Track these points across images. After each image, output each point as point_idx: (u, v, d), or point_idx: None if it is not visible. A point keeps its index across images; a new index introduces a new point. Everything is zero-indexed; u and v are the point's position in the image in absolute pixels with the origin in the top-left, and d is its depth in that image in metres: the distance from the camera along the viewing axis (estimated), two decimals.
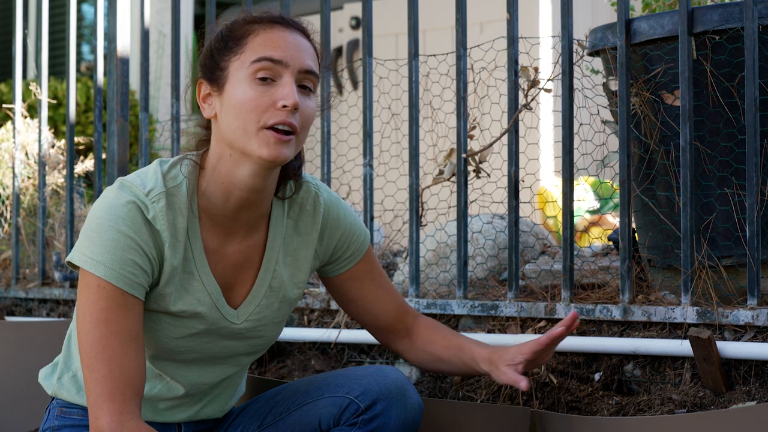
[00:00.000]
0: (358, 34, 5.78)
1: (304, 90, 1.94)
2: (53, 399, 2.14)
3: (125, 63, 3.41)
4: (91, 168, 3.70)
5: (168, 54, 6.37)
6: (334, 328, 2.85)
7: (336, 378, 2.12)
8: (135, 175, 1.97)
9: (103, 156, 3.49)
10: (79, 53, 7.57)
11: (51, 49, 4.70)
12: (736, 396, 2.25)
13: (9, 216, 3.90)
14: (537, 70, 2.66)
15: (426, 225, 2.89)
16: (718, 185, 2.39)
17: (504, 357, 2.12)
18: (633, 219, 2.56)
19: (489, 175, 2.78)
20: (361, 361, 2.84)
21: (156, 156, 5.66)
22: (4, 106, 4.00)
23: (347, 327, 2.82)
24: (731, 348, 2.26)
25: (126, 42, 3.42)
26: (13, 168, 3.73)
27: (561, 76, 2.57)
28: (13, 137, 3.76)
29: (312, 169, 3.35)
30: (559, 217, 2.62)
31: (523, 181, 2.69)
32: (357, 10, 5.72)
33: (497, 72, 2.87)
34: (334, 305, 2.89)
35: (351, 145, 3.37)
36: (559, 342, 2.11)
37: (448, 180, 2.80)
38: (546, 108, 4.32)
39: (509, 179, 2.62)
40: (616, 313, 2.45)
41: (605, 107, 2.65)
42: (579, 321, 2.20)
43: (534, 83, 2.65)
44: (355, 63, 5.44)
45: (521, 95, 2.65)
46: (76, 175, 3.68)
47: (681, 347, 2.33)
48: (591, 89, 2.67)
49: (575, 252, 2.71)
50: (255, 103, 1.89)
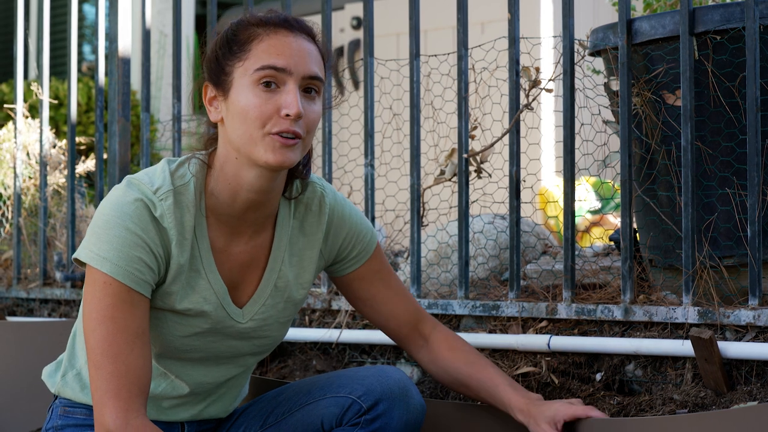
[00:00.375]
0: (359, 34, 5.78)
1: (308, 94, 1.94)
2: (56, 398, 2.14)
3: (126, 63, 3.41)
4: (93, 168, 3.70)
5: (169, 54, 6.37)
6: (335, 328, 2.85)
7: (338, 378, 2.11)
8: (143, 173, 1.97)
9: (105, 156, 3.49)
10: (81, 53, 7.58)
11: (52, 49, 4.71)
12: (737, 396, 2.24)
13: (10, 216, 3.90)
14: (538, 70, 2.66)
15: (427, 225, 2.89)
16: (719, 185, 2.39)
17: (545, 413, 2.12)
18: (634, 219, 2.55)
19: (490, 175, 2.78)
20: (363, 362, 2.84)
21: (157, 156, 5.66)
22: (5, 106, 4.00)
23: (348, 327, 2.82)
24: (733, 348, 2.26)
25: (127, 42, 3.42)
26: (15, 168, 3.73)
27: (562, 76, 2.57)
28: (15, 137, 3.76)
29: (313, 169, 3.33)
30: (561, 217, 2.62)
31: (525, 181, 2.69)
32: (358, 10, 5.72)
33: (498, 72, 2.87)
34: (335, 305, 2.89)
35: (352, 145, 3.36)
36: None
37: (449, 180, 2.80)
38: (547, 108, 4.32)
39: (510, 179, 2.62)
40: (617, 313, 2.45)
41: (606, 107, 2.64)
42: None
43: (535, 83, 2.65)
44: (357, 63, 5.43)
45: (522, 95, 2.65)
46: (77, 175, 3.68)
47: (682, 347, 2.33)
48: (592, 89, 2.66)
49: (576, 252, 2.71)
50: (259, 111, 1.89)
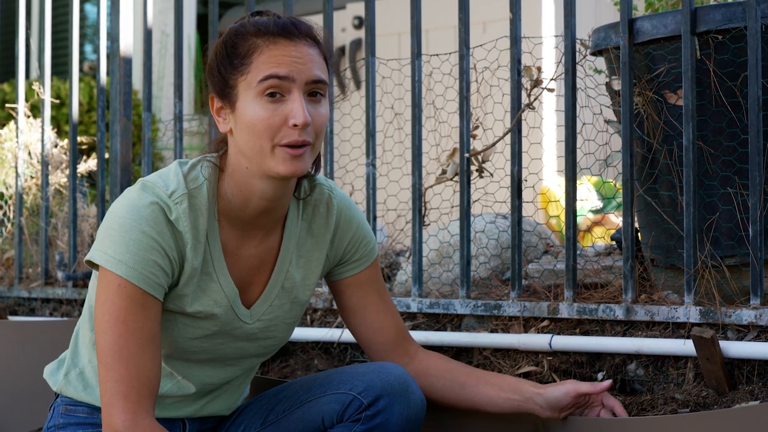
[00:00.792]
0: (360, 33, 5.77)
1: (313, 97, 1.93)
2: (58, 396, 2.14)
3: (128, 63, 3.41)
4: (94, 168, 3.70)
5: (171, 54, 6.37)
6: (337, 327, 2.85)
7: (339, 375, 2.12)
8: (156, 176, 1.96)
9: (106, 156, 3.49)
10: (82, 53, 7.57)
11: (54, 49, 4.70)
12: (739, 395, 2.24)
13: (12, 215, 3.90)
14: (540, 69, 2.66)
15: (429, 224, 2.88)
16: (721, 185, 2.39)
17: (558, 387, 2.18)
18: (636, 218, 2.55)
19: (492, 175, 2.78)
20: (364, 361, 2.83)
21: (159, 156, 5.66)
22: (7, 105, 4.01)
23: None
24: (734, 347, 2.26)
25: (129, 42, 3.42)
26: (16, 168, 3.73)
27: (564, 75, 2.57)
28: (16, 137, 3.77)
29: None
30: (562, 217, 2.62)
31: (526, 181, 2.69)
32: (360, 9, 5.72)
33: (500, 71, 2.87)
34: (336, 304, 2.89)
35: (354, 145, 3.36)
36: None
37: (451, 179, 2.79)
38: (549, 107, 4.32)
39: (512, 179, 2.62)
40: (619, 313, 2.45)
41: (608, 107, 2.64)
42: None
43: (537, 83, 2.65)
44: (358, 63, 5.44)
45: (524, 95, 2.65)
46: (79, 175, 3.68)
47: (684, 347, 2.33)
48: (594, 89, 2.66)
49: (578, 251, 2.71)
50: (267, 124, 1.89)
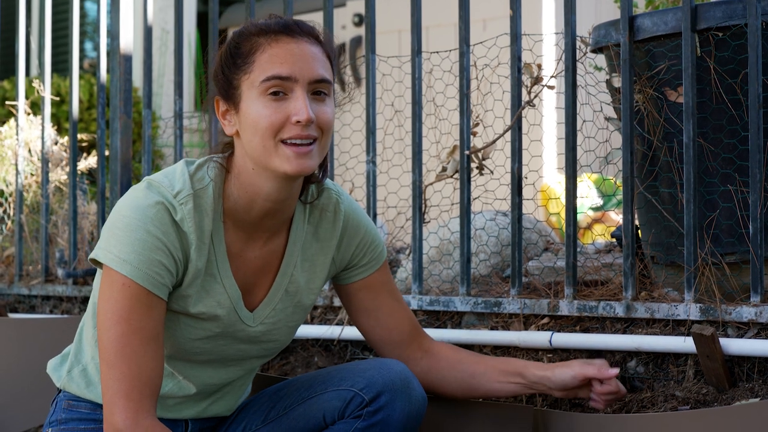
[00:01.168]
0: (361, 31, 5.77)
1: (318, 96, 1.93)
2: (60, 391, 2.13)
3: (128, 60, 3.41)
4: (94, 165, 3.70)
5: (171, 51, 6.37)
6: (337, 324, 2.85)
7: (340, 372, 2.11)
8: (162, 176, 1.96)
9: (106, 153, 3.49)
10: (82, 50, 7.57)
11: (54, 47, 4.70)
12: (739, 393, 2.24)
13: (12, 213, 3.90)
14: (540, 67, 2.66)
15: (429, 222, 2.88)
16: (721, 182, 2.39)
17: (566, 372, 2.18)
18: (636, 216, 2.55)
19: (492, 172, 2.78)
20: (364, 358, 2.83)
21: (159, 153, 5.66)
22: (7, 103, 4.01)
23: (350, 324, 2.82)
24: (734, 345, 2.26)
25: (129, 39, 3.42)
26: (17, 165, 3.73)
27: (564, 73, 2.57)
28: (17, 134, 3.77)
29: None
30: (562, 214, 2.62)
31: (526, 178, 2.68)
32: (360, 7, 5.71)
33: (500, 69, 2.87)
34: (337, 302, 2.89)
35: (354, 142, 3.36)
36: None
37: (451, 177, 2.79)
38: (549, 105, 4.31)
39: (512, 176, 2.62)
40: (619, 310, 2.45)
41: (608, 104, 2.64)
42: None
43: (537, 80, 2.65)
44: (358, 60, 5.43)
45: (524, 92, 2.65)
46: (79, 172, 3.68)
47: (684, 344, 2.33)
48: (594, 86, 2.66)
49: (578, 249, 2.71)
50: (269, 121, 1.89)
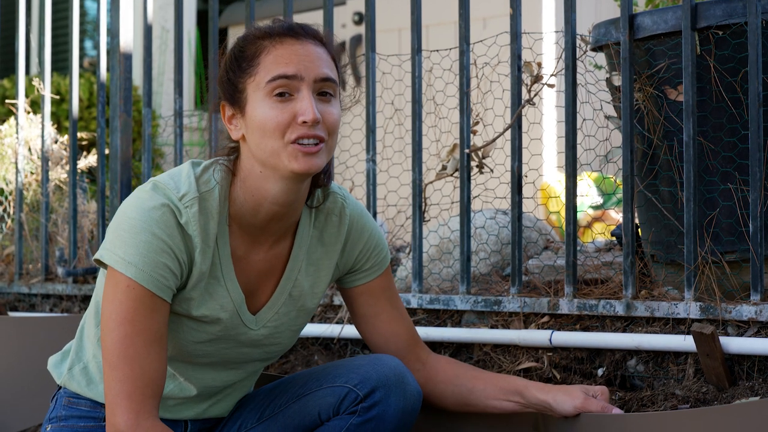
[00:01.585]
0: (361, 29, 5.77)
1: (323, 97, 1.92)
2: (60, 388, 2.13)
3: (128, 59, 3.41)
4: (94, 163, 3.71)
5: (171, 50, 6.37)
6: (337, 323, 2.85)
7: (334, 368, 2.11)
8: (168, 177, 1.95)
9: (106, 152, 3.49)
10: (82, 49, 7.57)
11: (54, 45, 4.70)
12: (739, 391, 2.24)
13: (12, 211, 3.90)
14: (540, 65, 2.66)
15: (429, 220, 2.89)
16: (721, 181, 2.39)
17: (567, 402, 2.11)
18: (636, 214, 2.55)
19: (492, 171, 2.78)
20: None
21: (159, 152, 5.66)
22: (7, 101, 4.01)
23: (350, 322, 2.82)
24: (734, 343, 2.26)
25: (129, 38, 3.42)
26: (17, 163, 3.73)
27: (564, 71, 2.57)
28: (17, 133, 3.77)
29: None
30: (562, 213, 2.62)
31: (526, 177, 2.69)
32: (360, 5, 5.71)
33: (500, 67, 2.87)
34: (336, 301, 2.89)
35: (354, 141, 3.36)
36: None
37: (451, 175, 2.79)
38: (549, 103, 4.32)
39: (512, 175, 2.62)
40: (619, 309, 2.45)
41: (608, 103, 2.64)
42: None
43: (537, 79, 2.65)
44: (358, 58, 5.43)
45: (524, 91, 2.65)
46: (79, 171, 3.68)
47: (684, 343, 2.33)
48: (594, 84, 2.66)
49: (578, 247, 2.71)
50: (276, 122, 1.89)
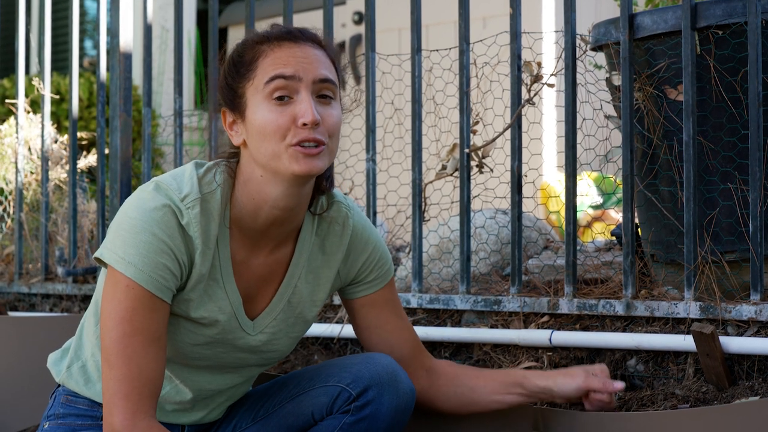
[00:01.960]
0: (361, 29, 5.77)
1: (323, 99, 1.92)
2: (59, 385, 2.13)
3: (128, 58, 3.41)
4: (94, 163, 3.70)
5: (171, 49, 6.37)
6: (336, 323, 2.85)
7: (327, 368, 2.11)
8: (170, 178, 1.95)
9: (106, 151, 3.49)
10: (82, 49, 7.57)
11: (54, 45, 4.70)
12: (739, 391, 2.25)
13: (12, 211, 3.90)
14: (540, 65, 2.66)
15: (429, 220, 2.89)
16: (721, 180, 2.39)
17: (570, 384, 2.16)
18: (636, 214, 2.55)
19: (492, 171, 2.78)
20: None
21: (159, 151, 5.66)
22: (7, 101, 4.01)
23: (350, 322, 2.82)
24: (734, 343, 2.26)
25: (129, 37, 3.42)
26: (16, 163, 3.73)
27: (564, 71, 2.57)
28: (16, 132, 3.77)
29: None
30: (562, 213, 2.62)
31: (526, 177, 2.68)
32: (360, 5, 5.71)
33: (500, 67, 2.87)
34: (336, 301, 2.89)
35: (354, 140, 3.36)
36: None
37: (451, 175, 2.80)
38: (549, 103, 4.32)
39: (512, 174, 2.62)
40: (619, 309, 2.45)
41: (608, 102, 2.64)
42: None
43: (537, 78, 2.65)
44: (358, 58, 5.43)
45: (524, 90, 2.65)
46: (79, 171, 3.68)
47: (684, 342, 2.33)
48: (594, 84, 2.66)
49: (578, 247, 2.71)
50: (276, 125, 1.88)
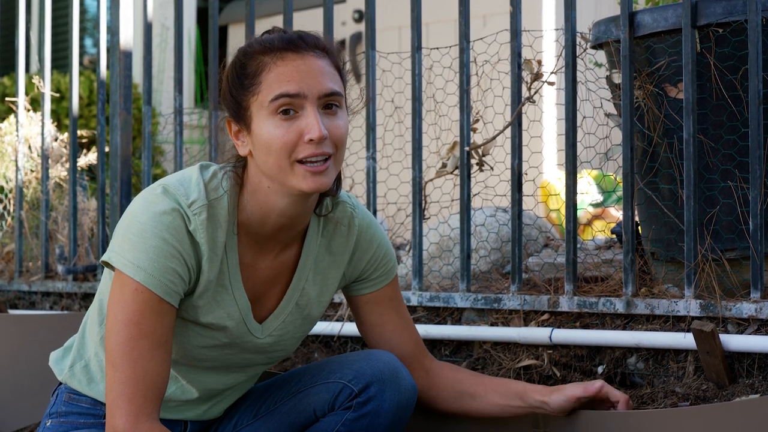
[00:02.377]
0: (361, 27, 5.77)
1: (329, 110, 1.91)
2: (61, 383, 2.13)
3: (128, 56, 3.41)
4: (94, 161, 3.70)
5: (171, 47, 6.37)
6: (337, 321, 2.85)
7: (328, 365, 2.11)
8: (177, 182, 1.94)
9: (106, 149, 3.49)
10: (82, 46, 7.57)
11: (54, 43, 4.70)
12: (739, 389, 2.25)
13: (12, 209, 3.90)
14: (540, 63, 2.66)
15: (429, 218, 2.88)
16: (721, 178, 2.39)
17: (565, 391, 2.15)
18: (636, 212, 2.55)
19: (492, 168, 2.78)
20: None
21: (159, 149, 5.66)
22: (7, 99, 4.01)
23: (350, 320, 2.82)
24: (734, 341, 2.26)
25: (129, 35, 3.42)
26: (17, 161, 3.73)
27: (564, 69, 2.57)
28: (17, 130, 3.77)
29: None
30: (563, 210, 2.62)
31: (526, 174, 2.68)
32: (360, 3, 5.71)
33: (500, 65, 2.87)
34: (337, 298, 2.89)
35: (354, 138, 3.36)
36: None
37: (451, 173, 2.79)
38: (549, 101, 4.32)
39: (512, 172, 2.62)
40: (619, 306, 2.45)
41: (608, 100, 2.64)
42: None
43: (537, 76, 2.65)
44: (358, 56, 5.43)
45: (524, 88, 2.65)
46: (79, 169, 3.68)
47: (684, 340, 2.33)
48: (594, 82, 2.66)
49: (578, 245, 2.71)
50: (282, 141, 1.87)
